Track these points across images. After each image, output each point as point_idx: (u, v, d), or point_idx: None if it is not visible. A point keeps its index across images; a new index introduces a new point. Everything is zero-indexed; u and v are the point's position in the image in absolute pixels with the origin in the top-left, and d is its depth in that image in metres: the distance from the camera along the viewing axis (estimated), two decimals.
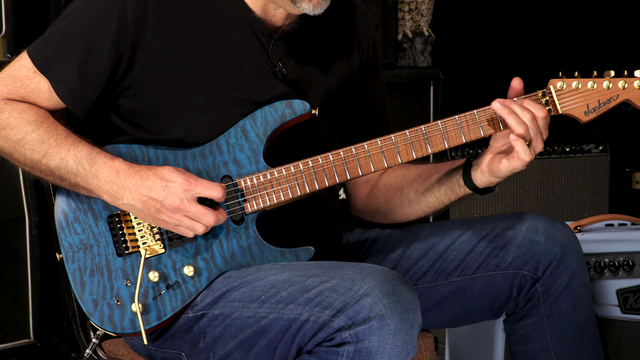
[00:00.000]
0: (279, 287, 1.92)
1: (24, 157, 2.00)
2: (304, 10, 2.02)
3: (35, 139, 1.98)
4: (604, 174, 4.08)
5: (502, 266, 2.16)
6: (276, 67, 2.09)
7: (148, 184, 1.93)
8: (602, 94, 2.07)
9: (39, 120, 1.99)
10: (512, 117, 2.00)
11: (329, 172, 2.03)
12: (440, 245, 2.20)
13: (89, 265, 2.00)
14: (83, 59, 1.99)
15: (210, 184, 1.94)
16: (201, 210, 1.93)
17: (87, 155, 1.96)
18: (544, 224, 2.16)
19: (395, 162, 2.04)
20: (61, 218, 2.02)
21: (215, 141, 2.04)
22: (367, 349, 1.82)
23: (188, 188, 1.92)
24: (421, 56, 4.01)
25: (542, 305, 2.15)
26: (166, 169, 1.94)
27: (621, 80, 2.07)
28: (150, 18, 2.00)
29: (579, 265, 2.16)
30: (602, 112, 2.08)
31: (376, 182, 2.29)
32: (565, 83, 2.06)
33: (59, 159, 1.97)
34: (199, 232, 1.95)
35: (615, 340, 2.65)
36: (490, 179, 2.09)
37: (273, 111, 2.05)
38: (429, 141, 2.04)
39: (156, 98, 2.03)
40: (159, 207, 1.93)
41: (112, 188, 1.95)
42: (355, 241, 2.31)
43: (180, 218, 1.94)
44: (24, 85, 2.02)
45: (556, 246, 2.13)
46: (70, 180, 1.98)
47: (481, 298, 2.18)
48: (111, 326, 1.99)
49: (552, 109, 2.06)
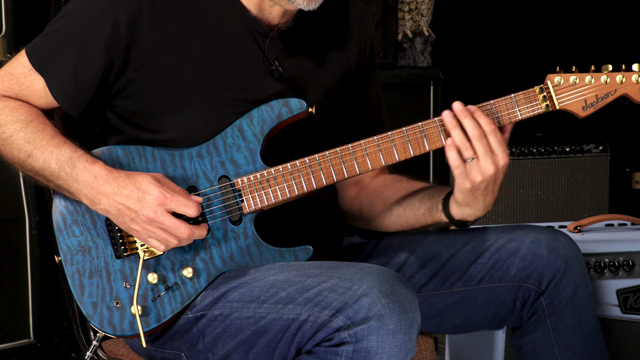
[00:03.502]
0: (278, 287, 1.92)
1: (12, 155, 2.00)
2: (299, 6, 2.02)
3: (22, 138, 1.98)
4: (604, 174, 4.08)
5: (506, 278, 2.15)
6: (272, 66, 2.09)
7: (125, 193, 1.93)
8: (600, 88, 2.07)
9: (28, 120, 1.99)
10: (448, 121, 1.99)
11: (327, 171, 2.03)
12: (444, 254, 2.19)
13: (87, 267, 2.00)
14: (77, 60, 1.99)
15: (185, 201, 1.93)
16: (175, 223, 1.92)
17: (69, 159, 1.96)
18: (547, 237, 2.15)
19: (393, 160, 2.03)
20: (59, 220, 2.02)
21: (212, 141, 2.04)
22: (366, 349, 1.82)
23: (163, 202, 1.91)
24: (421, 56, 4.01)
25: (547, 319, 2.15)
26: (145, 179, 1.93)
27: (619, 74, 2.06)
28: (144, 18, 2.00)
29: (582, 278, 2.15)
30: (600, 107, 2.08)
31: (365, 186, 2.28)
32: (563, 78, 2.06)
33: (42, 160, 1.97)
34: (172, 245, 1.94)
35: (615, 340, 2.65)
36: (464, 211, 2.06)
37: (270, 110, 2.04)
38: (426, 138, 2.04)
39: (152, 98, 2.03)
40: (134, 216, 1.93)
41: (91, 192, 1.94)
42: (357, 244, 2.31)
43: (154, 230, 1.93)
44: (19, 82, 2.02)
45: (559, 259, 2.13)
46: (55, 182, 1.98)
47: (484, 309, 2.17)
48: (111, 328, 1.98)
49: (549, 104, 2.05)
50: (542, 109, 2.05)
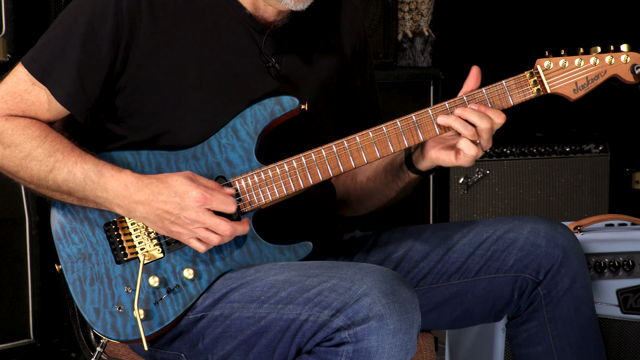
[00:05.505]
0: (279, 287, 1.92)
1: (29, 174, 1.98)
2: (287, 6, 2.03)
3: (42, 153, 1.97)
4: (604, 174, 4.08)
5: (503, 269, 2.15)
6: (269, 63, 2.09)
7: (162, 198, 1.93)
8: (589, 70, 2.07)
9: (43, 135, 1.99)
10: (472, 119, 2.01)
11: (322, 166, 2.03)
12: (441, 247, 2.19)
13: (88, 274, 2.00)
14: (81, 62, 1.99)
15: (224, 198, 1.94)
16: (216, 221, 1.93)
17: (94, 167, 1.96)
18: (545, 227, 2.15)
19: (388, 152, 2.03)
20: (58, 229, 2.02)
21: (206, 142, 2.04)
22: (366, 349, 1.82)
23: (204, 202, 1.92)
24: (421, 56, 4.01)
25: (544, 308, 2.15)
26: (178, 181, 1.93)
27: (608, 55, 2.07)
28: (143, 17, 2.00)
29: (581, 268, 2.15)
30: (591, 89, 2.08)
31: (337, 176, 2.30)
32: (552, 62, 2.06)
33: (66, 172, 1.96)
34: (214, 243, 1.95)
35: (615, 340, 2.65)
36: (431, 165, 2.10)
37: (262, 109, 2.04)
38: (420, 129, 2.04)
39: (150, 96, 2.03)
40: (174, 219, 1.93)
41: (124, 202, 1.94)
42: (357, 240, 2.31)
43: (195, 229, 1.94)
44: (23, 99, 2.01)
45: (558, 249, 2.13)
46: (78, 195, 1.97)
47: (482, 301, 2.17)
48: (114, 334, 1.98)
49: (540, 89, 2.05)
50: (534, 93, 2.05)
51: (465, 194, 4.00)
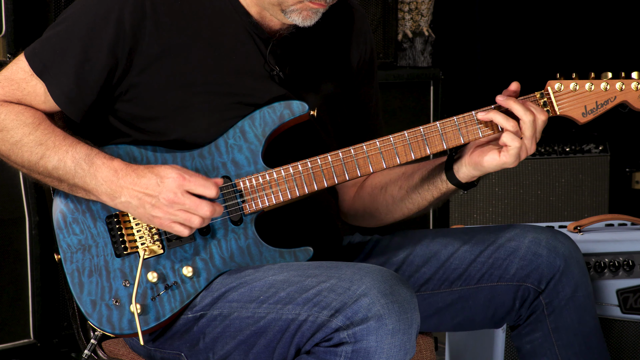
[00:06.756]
0: (278, 287, 1.92)
1: (21, 159, 1.99)
2: (294, 22, 2.03)
3: (33, 140, 1.98)
4: (604, 174, 4.08)
5: (505, 277, 2.16)
6: (273, 71, 2.09)
7: (144, 182, 1.93)
8: (599, 95, 2.08)
9: (36, 123, 1.99)
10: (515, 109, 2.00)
11: (328, 173, 2.03)
12: (442, 253, 2.19)
13: (87, 265, 2.00)
14: (80, 64, 1.99)
15: (204, 181, 1.94)
16: (196, 202, 1.92)
17: (86, 156, 1.96)
18: (546, 236, 2.16)
19: (394, 162, 2.04)
20: (59, 219, 2.02)
21: (214, 142, 2.04)
22: (365, 349, 1.82)
23: (182, 183, 1.92)
24: (421, 56, 4.01)
25: (547, 318, 2.15)
26: (162, 166, 1.94)
27: (619, 81, 2.08)
28: (147, 23, 2.00)
29: (582, 277, 2.16)
30: (599, 114, 2.09)
31: (362, 184, 2.29)
32: (563, 84, 2.07)
33: (57, 159, 1.97)
34: (195, 225, 1.94)
35: (615, 340, 2.65)
36: (473, 172, 2.07)
37: (272, 112, 2.05)
38: (427, 142, 2.04)
39: (153, 102, 2.03)
40: (154, 202, 1.93)
41: (110, 187, 1.95)
42: (357, 243, 2.31)
43: (175, 212, 1.93)
44: (20, 88, 2.02)
45: (559, 259, 2.14)
46: (69, 182, 1.98)
47: (484, 308, 2.18)
48: (110, 327, 1.99)
49: (549, 110, 2.06)
50: None
51: (465, 194, 4.00)
